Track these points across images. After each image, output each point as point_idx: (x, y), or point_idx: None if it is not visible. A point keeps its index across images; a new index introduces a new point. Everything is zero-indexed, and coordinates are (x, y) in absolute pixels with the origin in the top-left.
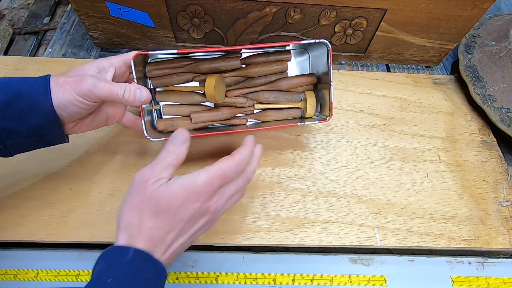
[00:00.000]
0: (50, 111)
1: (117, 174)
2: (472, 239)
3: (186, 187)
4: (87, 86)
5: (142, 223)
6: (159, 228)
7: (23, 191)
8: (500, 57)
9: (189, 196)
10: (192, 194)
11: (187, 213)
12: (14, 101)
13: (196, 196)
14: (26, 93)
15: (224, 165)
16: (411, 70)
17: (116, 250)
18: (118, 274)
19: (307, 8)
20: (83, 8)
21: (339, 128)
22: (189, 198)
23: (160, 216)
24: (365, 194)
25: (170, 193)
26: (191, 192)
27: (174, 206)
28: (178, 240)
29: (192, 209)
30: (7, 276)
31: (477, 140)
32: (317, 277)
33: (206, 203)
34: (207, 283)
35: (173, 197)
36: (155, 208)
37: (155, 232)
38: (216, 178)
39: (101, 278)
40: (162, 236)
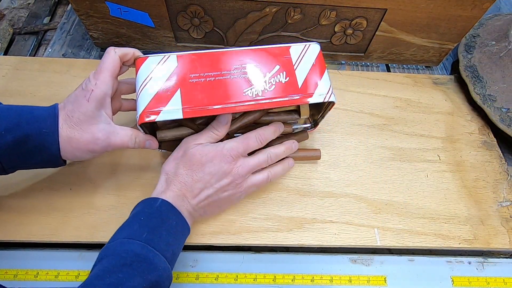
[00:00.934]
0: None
1: (117, 174)
2: (472, 239)
3: (216, 148)
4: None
5: (178, 171)
6: (190, 176)
7: (23, 191)
8: (500, 57)
9: (217, 155)
10: (220, 154)
11: (214, 168)
12: (23, 143)
13: (223, 156)
14: (34, 136)
15: (247, 135)
16: (411, 70)
17: (149, 199)
18: (148, 214)
19: (307, 8)
20: (83, 8)
21: (339, 128)
22: (217, 157)
23: (192, 167)
24: (365, 194)
25: (202, 151)
26: (219, 153)
27: (204, 161)
28: (205, 191)
29: (218, 166)
30: (7, 276)
31: (477, 140)
32: (317, 277)
33: (231, 164)
34: (207, 283)
35: (204, 155)
36: (189, 161)
37: (186, 178)
38: (240, 144)
39: (135, 217)
40: (192, 183)
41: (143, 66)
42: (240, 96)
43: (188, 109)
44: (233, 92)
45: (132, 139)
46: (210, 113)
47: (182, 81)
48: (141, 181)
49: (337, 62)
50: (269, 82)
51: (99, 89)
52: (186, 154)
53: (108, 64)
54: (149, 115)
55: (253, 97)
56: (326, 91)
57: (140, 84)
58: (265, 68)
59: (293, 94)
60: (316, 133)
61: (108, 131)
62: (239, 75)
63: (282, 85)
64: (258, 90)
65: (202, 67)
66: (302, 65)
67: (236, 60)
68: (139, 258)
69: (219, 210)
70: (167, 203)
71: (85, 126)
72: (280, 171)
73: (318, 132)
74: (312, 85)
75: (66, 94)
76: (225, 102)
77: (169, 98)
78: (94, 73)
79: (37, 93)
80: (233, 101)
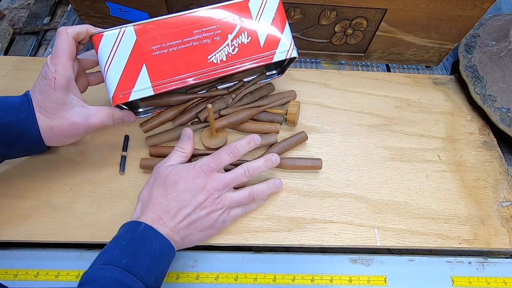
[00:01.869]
0: (38, 140)
1: (117, 174)
2: (472, 239)
3: (188, 166)
4: (81, 131)
5: (151, 194)
6: (164, 196)
7: (23, 191)
8: (500, 57)
9: (189, 172)
10: (192, 171)
11: (188, 184)
12: (3, 132)
13: (195, 173)
14: (13, 124)
15: (219, 150)
16: (411, 70)
17: (133, 223)
18: (130, 239)
19: (307, 8)
20: (83, 8)
21: (339, 128)
22: (189, 174)
23: (166, 187)
24: (365, 194)
25: (174, 170)
26: (191, 170)
27: (177, 179)
28: (182, 210)
29: (192, 183)
30: (7, 276)
31: (477, 140)
32: (317, 277)
33: (205, 179)
34: (207, 283)
35: (176, 173)
36: (162, 182)
37: (161, 199)
38: (211, 159)
39: (117, 241)
40: (167, 204)
41: (102, 44)
42: (205, 63)
43: (158, 84)
44: (198, 60)
45: (110, 117)
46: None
47: (145, 56)
48: (143, 182)
49: (337, 62)
50: (232, 45)
51: (60, 75)
52: (159, 177)
53: (63, 47)
54: (120, 97)
55: (218, 63)
56: (288, 47)
57: (104, 63)
58: (226, 29)
59: (257, 54)
60: (316, 133)
61: (85, 114)
62: (202, 41)
63: (245, 47)
64: (222, 55)
65: (162, 37)
66: (262, 20)
67: (195, 23)
68: (118, 285)
69: (204, 234)
70: (150, 228)
71: (60, 113)
72: (264, 189)
73: (318, 132)
74: (274, 42)
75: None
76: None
77: (136, 76)
78: (50, 58)
79: None
80: (199, 70)
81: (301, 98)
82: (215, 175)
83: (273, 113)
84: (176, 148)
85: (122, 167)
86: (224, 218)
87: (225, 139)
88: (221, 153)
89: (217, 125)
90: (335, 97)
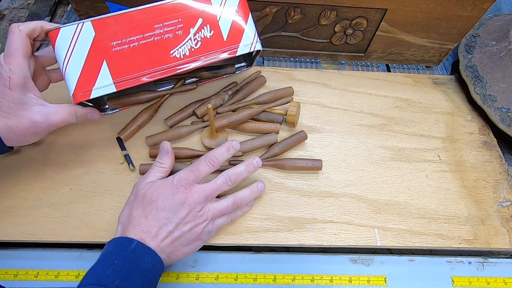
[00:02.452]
0: None
1: (117, 174)
2: (472, 239)
3: (166, 182)
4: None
5: (131, 215)
6: (144, 216)
7: (23, 191)
8: (500, 57)
9: (167, 188)
10: (171, 186)
11: (168, 201)
12: None
13: (174, 188)
14: None
15: (197, 161)
16: (411, 70)
17: (124, 240)
18: (122, 257)
19: (307, 8)
20: (83, 8)
21: (339, 128)
22: (168, 190)
23: (145, 206)
24: (365, 194)
25: (152, 188)
26: (170, 185)
27: (155, 197)
28: (163, 228)
29: (172, 199)
30: (7, 276)
31: (477, 140)
32: (317, 277)
33: (185, 193)
34: (207, 283)
35: (155, 191)
36: (141, 202)
37: (141, 219)
38: (190, 171)
39: (108, 258)
40: (147, 223)
41: (59, 40)
42: (168, 58)
43: (120, 81)
44: (161, 56)
45: (73, 115)
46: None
47: (105, 52)
48: None
49: (337, 62)
50: (195, 39)
51: (16, 74)
52: (137, 196)
53: (17, 45)
54: (81, 95)
55: (181, 58)
56: (252, 39)
57: (62, 60)
58: (188, 23)
59: (220, 48)
60: (316, 133)
61: (45, 113)
62: (163, 35)
63: (208, 40)
64: (185, 49)
65: (122, 32)
66: (225, 13)
67: (156, 17)
68: None
69: (190, 248)
70: (142, 245)
71: (19, 113)
72: (247, 194)
73: (318, 132)
74: (237, 36)
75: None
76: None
77: (96, 73)
78: (3, 56)
79: None
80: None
81: (301, 98)
82: (195, 187)
83: (273, 113)
84: (155, 164)
85: (131, 164)
86: (209, 229)
87: (225, 139)
88: (199, 164)
89: (217, 125)
90: (335, 97)
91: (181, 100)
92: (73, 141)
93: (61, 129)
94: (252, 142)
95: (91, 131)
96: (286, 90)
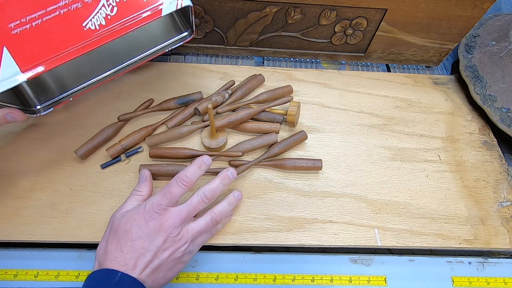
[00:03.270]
0: None
1: (117, 174)
2: (472, 239)
3: (138, 210)
4: None
5: (107, 249)
6: (119, 249)
7: (23, 191)
8: (500, 57)
9: (140, 216)
10: (143, 214)
11: (142, 231)
12: None
13: (147, 215)
14: None
15: (168, 184)
16: (411, 70)
17: (106, 272)
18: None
19: (307, 8)
20: None
21: (339, 128)
22: (141, 218)
23: (119, 239)
24: (365, 194)
25: (125, 218)
26: (142, 213)
27: (129, 228)
28: (141, 259)
29: (146, 227)
30: (7, 276)
31: (477, 140)
32: (317, 277)
33: (159, 219)
34: (207, 283)
35: (128, 222)
36: (115, 234)
37: (116, 253)
38: (162, 196)
39: None
40: (123, 256)
41: None
42: (81, 32)
43: (30, 68)
44: (72, 30)
45: None
46: (55, 65)
47: (2, 37)
48: None
49: (337, 62)
50: (109, 4)
51: None
52: (112, 228)
53: None
54: None
55: (97, 29)
56: None
57: None
58: None
59: (141, 11)
60: (316, 133)
61: None
62: (70, 6)
63: (125, 4)
64: (99, 18)
65: (20, 10)
66: None
67: None
68: None
69: (173, 272)
70: (127, 276)
71: None
72: (225, 207)
73: (318, 132)
74: None
75: None
76: (68, 46)
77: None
78: None
79: None
80: (76, 43)
81: (301, 98)
82: (170, 212)
83: (273, 113)
84: (133, 192)
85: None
86: (189, 250)
87: (225, 139)
88: (170, 187)
89: (217, 125)
90: (335, 97)
91: None
92: (72, 141)
93: (61, 129)
94: (252, 142)
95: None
96: (285, 88)
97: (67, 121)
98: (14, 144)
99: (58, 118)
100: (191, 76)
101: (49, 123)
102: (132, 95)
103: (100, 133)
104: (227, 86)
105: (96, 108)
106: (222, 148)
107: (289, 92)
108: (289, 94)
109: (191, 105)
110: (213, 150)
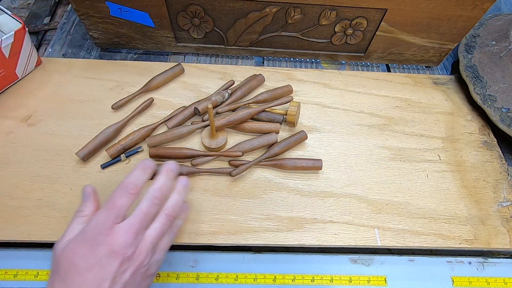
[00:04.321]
0: None
1: (117, 174)
2: (472, 239)
3: (82, 236)
4: None
5: None
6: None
7: (23, 191)
8: (500, 57)
9: (85, 242)
10: (87, 239)
11: (90, 260)
12: None
13: (92, 240)
14: None
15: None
16: (411, 70)
17: None
18: None
19: (307, 8)
20: (83, 8)
21: (339, 128)
22: (86, 244)
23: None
24: (365, 194)
25: (67, 249)
26: (86, 237)
27: (75, 260)
28: None
29: (94, 254)
30: (7, 276)
31: (477, 140)
32: (317, 277)
33: (107, 239)
34: (207, 283)
35: (70, 252)
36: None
37: None
38: (106, 211)
39: None
40: None
41: None
42: None
43: None
44: None
45: None
46: None
47: None
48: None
49: (337, 62)
50: None
51: None
52: (54, 265)
53: None
54: None
55: None
56: None
57: None
58: None
59: None
60: (316, 133)
61: None
62: None
63: None
64: None
65: None
66: None
67: None
68: None
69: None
70: None
71: None
72: (177, 199)
73: (318, 132)
74: None
75: (66, 93)
76: None
77: None
78: None
79: (37, 93)
80: None
81: (301, 98)
82: (118, 228)
83: (273, 113)
84: (76, 214)
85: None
86: (155, 259)
87: (225, 138)
88: (115, 198)
89: (217, 125)
90: (335, 97)
91: (180, 103)
92: (72, 141)
93: (60, 129)
94: (252, 142)
95: (91, 133)
96: (285, 88)
97: (67, 121)
98: (14, 144)
99: (58, 118)
100: (191, 76)
101: (49, 123)
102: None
103: (100, 134)
104: (227, 86)
105: (96, 108)
106: (222, 148)
107: (289, 92)
108: (289, 94)
109: (191, 105)
110: (213, 150)
